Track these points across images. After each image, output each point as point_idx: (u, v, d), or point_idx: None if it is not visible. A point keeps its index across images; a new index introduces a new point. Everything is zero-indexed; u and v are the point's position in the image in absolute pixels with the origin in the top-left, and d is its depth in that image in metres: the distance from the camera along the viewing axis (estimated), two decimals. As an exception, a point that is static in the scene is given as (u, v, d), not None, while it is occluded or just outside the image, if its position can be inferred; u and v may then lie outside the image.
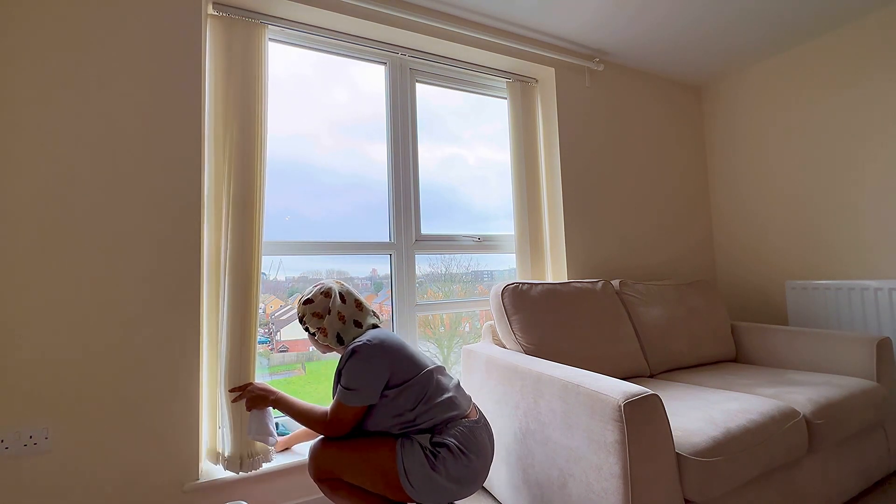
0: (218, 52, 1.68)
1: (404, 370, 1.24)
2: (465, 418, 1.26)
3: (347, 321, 1.34)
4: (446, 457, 1.16)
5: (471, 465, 1.19)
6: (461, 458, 1.17)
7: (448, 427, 1.22)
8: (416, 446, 1.17)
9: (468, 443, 1.20)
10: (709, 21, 2.23)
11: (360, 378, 1.19)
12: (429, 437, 1.20)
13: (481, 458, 1.22)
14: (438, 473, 1.15)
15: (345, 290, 1.39)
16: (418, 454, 1.16)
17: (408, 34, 2.01)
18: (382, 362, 1.21)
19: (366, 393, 1.20)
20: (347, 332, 1.33)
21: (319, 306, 1.34)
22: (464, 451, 1.19)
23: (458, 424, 1.23)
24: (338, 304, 1.35)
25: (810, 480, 1.47)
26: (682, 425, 1.27)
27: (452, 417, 1.23)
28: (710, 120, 3.00)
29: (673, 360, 2.01)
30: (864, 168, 2.26)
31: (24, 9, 1.34)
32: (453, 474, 1.16)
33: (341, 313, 1.34)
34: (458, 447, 1.18)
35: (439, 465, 1.15)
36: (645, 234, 2.66)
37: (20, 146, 1.32)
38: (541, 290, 1.84)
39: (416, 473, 1.14)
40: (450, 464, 1.16)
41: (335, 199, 2.02)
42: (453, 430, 1.21)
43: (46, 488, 1.29)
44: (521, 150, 2.35)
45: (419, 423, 1.21)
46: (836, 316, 2.26)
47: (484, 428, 1.28)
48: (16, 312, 1.29)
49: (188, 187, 1.52)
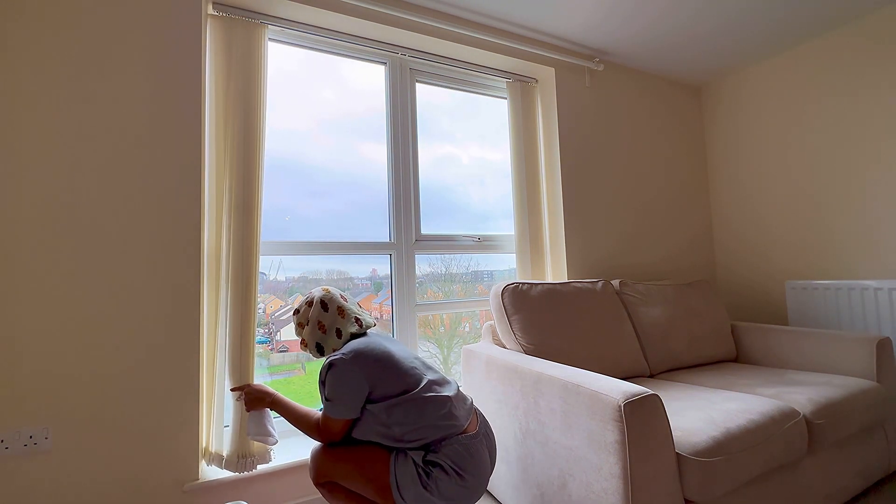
0: (218, 52, 1.68)
1: (389, 383, 1.18)
2: (464, 433, 1.19)
3: (328, 330, 1.30)
4: (439, 476, 1.12)
5: (466, 484, 1.14)
6: (455, 478, 1.13)
7: (444, 444, 1.15)
8: (410, 462, 1.14)
9: (464, 462, 1.14)
10: (709, 21, 2.23)
11: (338, 392, 1.16)
12: (422, 455, 1.15)
13: (478, 476, 1.17)
14: (430, 493, 1.11)
15: (329, 297, 1.34)
16: (411, 470, 1.12)
17: (408, 34, 2.01)
18: (358, 376, 1.17)
19: (345, 407, 1.17)
20: (327, 342, 1.29)
21: (303, 316, 1.33)
22: (459, 471, 1.13)
23: (455, 442, 1.16)
24: (317, 312, 1.31)
25: (810, 480, 1.47)
26: (682, 425, 1.27)
27: (448, 435, 1.17)
28: (710, 120, 3.00)
29: (673, 360, 2.01)
30: (864, 168, 2.26)
31: (24, 9, 1.34)
32: (446, 493, 1.12)
33: (321, 322, 1.30)
34: (452, 468, 1.13)
35: (431, 485, 1.11)
36: (645, 234, 2.66)
37: (20, 146, 1.32)
38: (541, 290, 1.84)
39: (408, 489, 1.12)
40: (442, 484, 1.12)
41: (330, 199, 2.02)
42: (449, 447, 1.15)
43: (46, 488, 1.29)
44: (521, 150, 2.35)
45: (408, 442, 1.15)
46: (836, 316, 2.26)
47: (483, 441, 1.22)
48: (16, 313, 1.29)
49: (188, 188, 1.52)
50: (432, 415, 1.17)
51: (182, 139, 1.52)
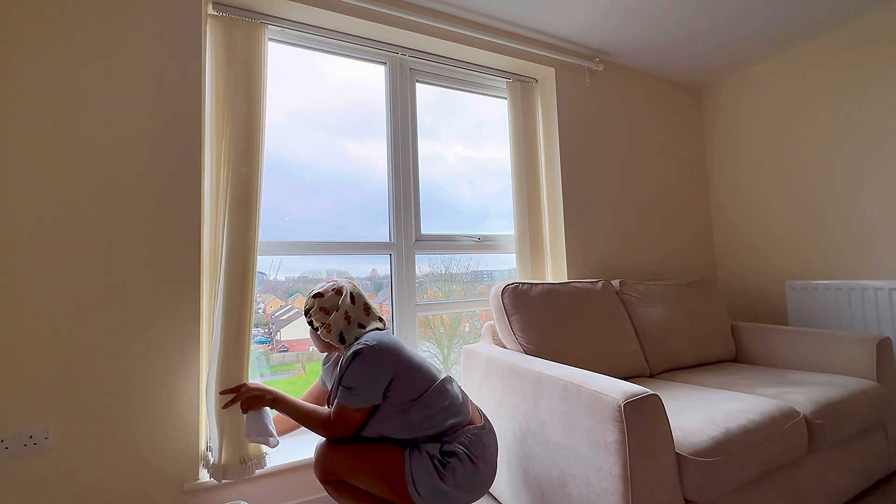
0: (218, 52, 1.68)
1: (410, 375, 1.23)
2: (472, 424, 1.26)
3: (353, 322, 1.34)
4: (456, 466, 1.16)
5: (479, 473, 1.19)
6: (470, 466, 1.18)
7: (456, 434, 1.22)
8: (425, 456, 1.17)
9: (476, 450, 1.20)
10: (709, 21, 2.23)
11: (363, 379, 1.19)
12: (438, 447, 1.19)
13: (489, 465, 1.22)
14: (447, 483, 1.15)
15: (357, 292, 1.39)
16: (426, 464, 1.16)
17: (408, 34, 2.01)
18: (385, 364, 1.21)
19: (368, 394, 1.19)
20: (350, 333, 1.33)
21: (328, 302, 1.33)
22: (473, 458, 1.19)
23: (467, 431, 1.23)
24: (347, 303, 1.34)
25: (810, 480, 1.47)
26: (682, 425, 1.27)
27: (458, 424, 1.23)
28: (710, 120, 3.00)
29: (673, 360, 2.01)
30: (864, 168, 2.26)
31: (25, 9, 1.34)
32: (462, 483, 1.16)
33: (348, 313, 1.33)
34: (467, 455, 1.18)
35: (448, 475, 1.15)
36: (645, 235, 2.66)
37: (20, 145, 1.32)
38: (541, 290, 1.84)
39: (424, 484, 1.14)
40: (459, 473, 1.16)
41: (330, 198, 2.01)
42: (462, 437, 1.21)
43: (46, 488, 1.29)
44: (521, 150, 2.35)
45: (425, 430, 1.21)
46: (836, 316, 2.26)
47: (489, 434, 1.28)
48: (16, 313, 1.29)
49: (188, 188, 1.52)
50: (449, 404, 1.24)
51: (182, 138, 1.52)
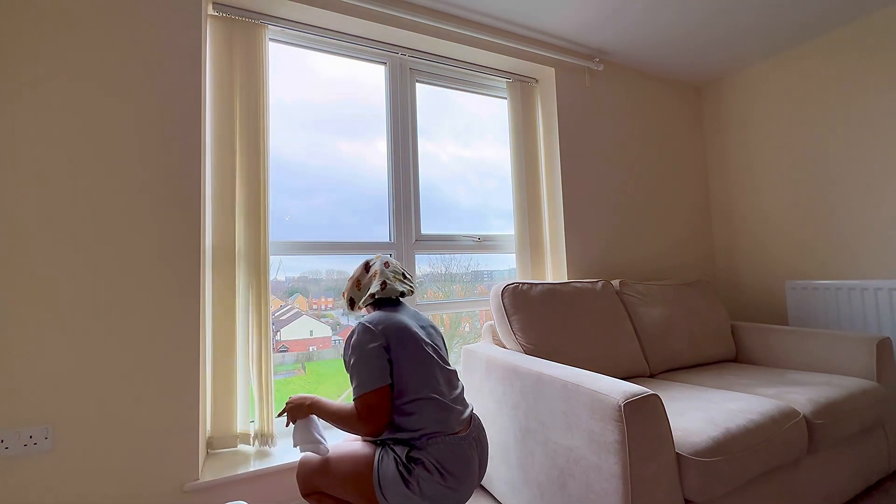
0: (218, 52, 1.68)
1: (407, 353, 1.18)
2: (454, 434, 1.17)
3: (363, 289, 1.36)
4: (421, 475, 1.09)
5: (448, 485, 1.11)
6: (438, 477, 1.10)
7: (430, 442, 1.13)
8: (391, 458, 1.12)
9: (447, 462, 1.12)
10: (708, 21, 2.23)
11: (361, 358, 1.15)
12: (406, 451, 1.12)
13: (462, 479, 1.14)
14: (412, 492, 1.08)
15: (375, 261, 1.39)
16: (392, 467, 1.10)
17: (408, 34, 2.01)
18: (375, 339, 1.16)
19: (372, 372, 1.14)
20: (358, 297, 1.36)
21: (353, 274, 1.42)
22: (441, 470, 1.11)
23: (441, 441, 1.14)
24: (358, 272, 1.39)
25: (810, 480, 1.47)
26: (682, 425, 1.27)
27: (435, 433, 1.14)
28: (710, 120, 2.99)
29: (673, 360, 2.01)
30: (864, 167, 2.26)
31: (25, 9, 1.34)
32: (428, 493, 1.09)
33: (359, 280, 1.38)
34: (435, 466, 1.10)
35: (412, 483, 1.09)
36: (645, 234, 2.66)
37: (21, 145, 1.32)
38: (541, 290, 1.84)
39: (390, 489, 1.09)
40: (424, 483, 1.09)
41: (324, 198, 2.02)
42: (434, 446, 1.13)
43: (46, 488, 1.29)
44: (521, 150, 2.36)
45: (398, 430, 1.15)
46: (836, 316, 2.26)
47: (473, 444, 1.19)
48: (16, 313, 1.29)
49: (189, 188, 1.52)
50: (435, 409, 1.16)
51: (182, 138, 1.52)
